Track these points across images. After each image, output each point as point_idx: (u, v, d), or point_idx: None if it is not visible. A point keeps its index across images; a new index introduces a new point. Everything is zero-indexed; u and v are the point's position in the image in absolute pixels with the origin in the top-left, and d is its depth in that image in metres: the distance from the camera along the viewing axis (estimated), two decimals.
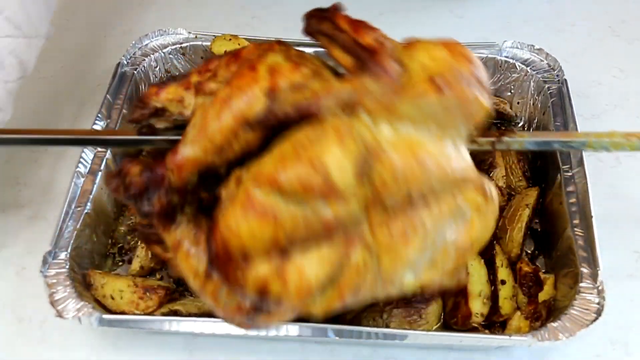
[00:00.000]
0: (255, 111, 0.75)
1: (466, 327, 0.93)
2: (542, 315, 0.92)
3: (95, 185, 1.04)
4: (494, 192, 0.79)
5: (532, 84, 1.21)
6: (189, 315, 0.93)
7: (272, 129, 0.76)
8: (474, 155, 0.81)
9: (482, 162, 1.10)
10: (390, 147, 0.72)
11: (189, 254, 0.78)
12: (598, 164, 1.18)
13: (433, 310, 0.93)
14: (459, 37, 0.82)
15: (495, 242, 1.02)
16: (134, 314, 0.94)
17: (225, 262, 0.73)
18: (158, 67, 1.27)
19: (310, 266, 0.72)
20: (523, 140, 0.88)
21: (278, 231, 0.71)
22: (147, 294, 0.95)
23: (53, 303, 0.89)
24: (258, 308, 0.75)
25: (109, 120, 1.13)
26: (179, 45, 1.28)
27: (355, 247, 0.73)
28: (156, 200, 0.76)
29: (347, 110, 0.74)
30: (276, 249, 0.72)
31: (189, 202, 0.80)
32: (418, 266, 0.75)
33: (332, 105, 0.74)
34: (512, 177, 1.12)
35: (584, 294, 0.89)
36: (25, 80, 1.08)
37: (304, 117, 0.75)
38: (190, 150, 0.76)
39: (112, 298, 0.94)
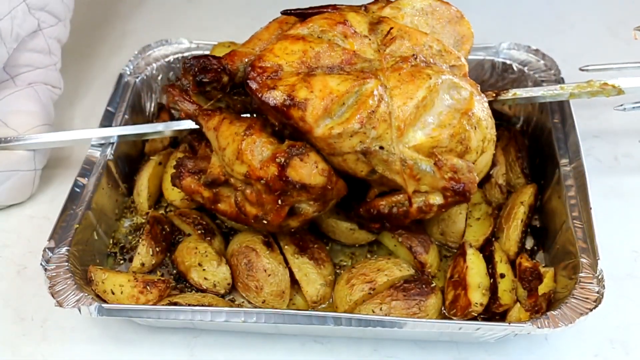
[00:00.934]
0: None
1: (466, 317, 0.93)
2: (542, 307, 0.92)
3: (96, 186, 1.05)
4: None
5: (529, 84, 1.21)
6: (189, 306, 0.93)
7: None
8: None
9: None
10: (397, 21, 0.96)
11: (231, 124, 0.95)
12: (597, 164, 1.19)
13: (432, 303, 0.94)
14: None
15: (493, 239, 1.03)
16: None
17: (260, 73, 0.90)
18: (160, 76, 1.28)
19: (332, 81, 0.89)
20: (515, 97, 1.08)
21: (306, 49, 0.91)
22: (147, 287, 0.95)
23: (53, 294, 0.89)
24: (288, 108, 0.88)
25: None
26: (181, 55, 1.30)
27: (370, 80, 0.89)
28: (212, 71, 0.96)
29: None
30: (304, 68, 0.90)
31: (232, 106, 1.01)
32: (427, 125, 0.90)
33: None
34: (511, 175, 1.12)
35: (583, 284, 0.89)
36: None
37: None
38: (243, 48, 1.00)
39: (113, 293, 0.94)
